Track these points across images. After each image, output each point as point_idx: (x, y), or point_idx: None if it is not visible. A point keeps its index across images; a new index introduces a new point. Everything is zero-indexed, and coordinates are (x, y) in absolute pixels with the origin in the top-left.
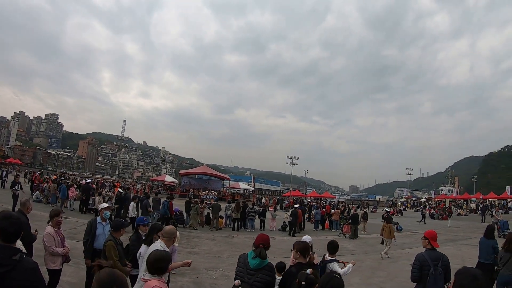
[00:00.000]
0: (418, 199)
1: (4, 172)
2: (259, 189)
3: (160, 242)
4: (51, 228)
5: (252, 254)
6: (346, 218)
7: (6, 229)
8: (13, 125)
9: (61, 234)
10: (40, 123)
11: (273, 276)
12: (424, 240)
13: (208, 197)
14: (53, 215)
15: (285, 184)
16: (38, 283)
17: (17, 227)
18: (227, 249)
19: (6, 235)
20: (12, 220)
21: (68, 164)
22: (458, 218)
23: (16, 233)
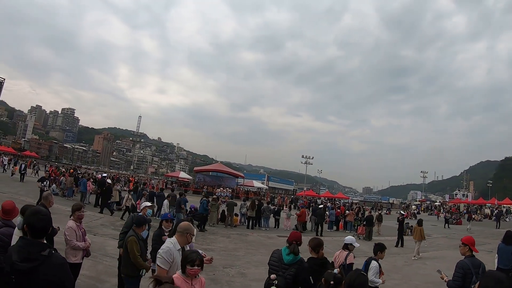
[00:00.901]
0: (432, 203)
1: (23, 165)
2: (273, 187)
3: (172, 238)
4: (73, 222)
5: (286, 250)
6: (361, 220)
7: (34, 224)
8: (29, 119)
9: (82, 229)
10: (57, 117)
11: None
12: (464, 247)
13: (223, 195)
14: (75, 209)
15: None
16: (66, 278)
17: (45, 223)
18: (243, 247)
19: (34, 231)
20: (40, 216)
21: (84, 158)
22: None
23: (43, 228)
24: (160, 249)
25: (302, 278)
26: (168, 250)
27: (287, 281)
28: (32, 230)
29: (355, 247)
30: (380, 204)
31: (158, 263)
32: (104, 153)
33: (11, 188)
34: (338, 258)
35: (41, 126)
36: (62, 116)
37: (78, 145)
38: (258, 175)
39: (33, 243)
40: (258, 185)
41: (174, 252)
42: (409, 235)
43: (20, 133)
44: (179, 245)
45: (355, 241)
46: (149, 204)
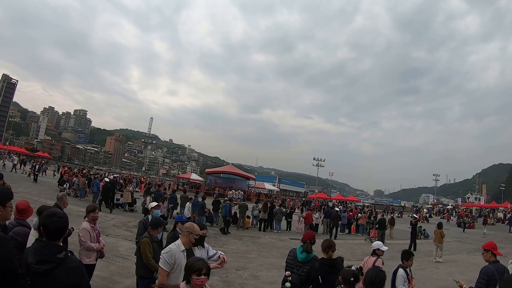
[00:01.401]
0: (444, 206)
1: (37, 166)
2: (284, 190)
3: (178, 240)
4: (87, 224)
5: (300, 249)
6: (373, 223)
7: (48, 226)
8: (42, 120)
9: (96, 230)
10: (69, 119)
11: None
12: (486, 253)
13: (235, 197)
14: (90, 210)
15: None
16: (82, 281)
17: (60, 225)
18: (255, 249)
19: (49, 233)
20: (55, 218)
21: (95, 159)
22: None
23: (58, 231)
24: (162, 250)
25: (313, 276)
26: (169, 250)
27: (301, 278)
28: (47, 232)
29: (383, 251)
30: (392, 207)
31: (159, 263)
32: (116, 154)
33: (24, 188)
34: (366, 264)
35: (53, 127)
36: (74, 118)
37: (90, 146)
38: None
39: (49, 245)
40: (269, 187)
41: (177, 253)
42: (421, 239)
43: (33, 134)
44: (183, 246)
45: (382, 245)
46: (155, 204)
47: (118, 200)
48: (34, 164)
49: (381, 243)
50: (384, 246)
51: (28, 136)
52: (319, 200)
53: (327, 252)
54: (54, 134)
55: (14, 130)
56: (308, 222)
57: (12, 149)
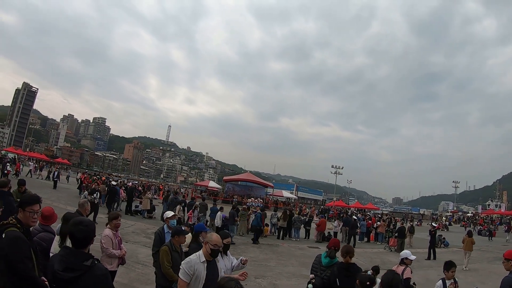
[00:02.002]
0: (464, 214)
1: (56, 172)
2: (302, 197)
3: (200, 251)
4: (110, 231)
5: (324, 254)
6: (392, 231)
7: (75, 234)
8: (62, 127)
9: (118, 237)
10: (88, 126)
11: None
12: (507, 262)
13: (254, 205)
14: (112, 218)
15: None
16: None
17: (86, 234)
18: (274, 257)
19: (75, 241)
20: (81, 226)
21: (114, 166)
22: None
23: (85, 239)
24: (183, 260)
25: (332, 279)
26: (189, 261)
27: (324, 281)
28: (73, 240)
29: (412, 260)
30: (411, 215)
31: (179, 274)
32: (134, 162)
33: (44, 194)
34: None
35: (73, 134)
36: (93, 125)
37: (109, 153)
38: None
39: (76, 253)
40: (287, 195)
41: (196, 264)
42: (441, 248)
43: (53, 141)
44: (204, 257)
45: (410, 254)
46: (172, 214)
47: (137, 207)
48: (54, 170)
49: (409, 252)
50: (412, 255)
51: (48, 143)
52: (338, 208)
53: (345, 257)
54: (73, 141)
55: (34, 136)
56: (320, 229)
57: (32, 155)
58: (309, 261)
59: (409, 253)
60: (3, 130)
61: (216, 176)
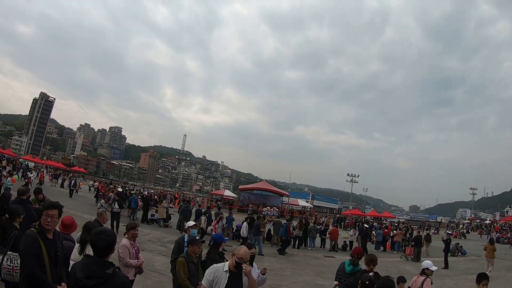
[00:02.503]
0: (482, 221)
1: (73, 181)
2: (317, 206)
3: (228, 262)
4: (127, 241)
5: (348, 262)
6: (409, 240)
7: (96, 244)
8: (78, 136)
9: (136, 247)
10: (104, 135)
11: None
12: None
13: (270, 214)
14: (130, 227)
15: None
16: None
17: (107, 243)
18: (289, 267)
19: (96, 250)
20: (102, 236)
21: (130, 174)
22: None
23: (106, 248)
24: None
25: (355, 286)
26: (212, 267)
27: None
28: (95, 249)
29: (433, 271)
30: (428, 223)
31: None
32: (150, 170)
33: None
34: (414, 284)
35: (89, 143)
36: (109, 134)
37: (125, 162)
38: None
39: (97, 261)
40: (302, 204)
41: (218, 271)
42: (458, 256)
43: (69, 150)
44: (227, 267)
45: (432, 265)
46: (193, 223)
47: (153, 215)
48: (70, 178)
49: (430, 263)
50: (434, 266)
51: (64, 151)
52: (353, 216)
53: (369, 265)
54: (89, 150)
55: (51, 145)
56: (333, 237)
57: (49, 163)
58: (324, 270)
59: (431, 264)
60: (20, 139)
61: (231, 185)
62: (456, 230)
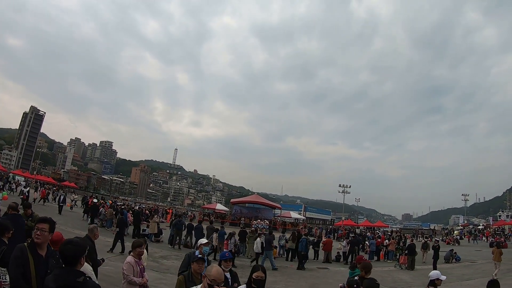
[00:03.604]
0: (475, 227)
1: (62, 196)
2: (310, 218)
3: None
4: (132, 258)
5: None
6: (402, 249)
7: (63, 253)
8: (69, 151)
9: (141, 265)
10: (95, 150)
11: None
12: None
13: (260, 226)
14: (136, 245)
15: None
16: None
17: (74, 252)
18: (282, 279)
19: (64, 258)
20: (70, 245)
21: (121, 189)
22: None
23: (72, 257)
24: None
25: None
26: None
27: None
28: (62, 258)
29: (442, 280)
30: (421, 231)
31: None
32: (141, 185)
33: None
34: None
35: (79, 157)
36: (100, 149)
37: (116, 176)
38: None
39: (68, 271)
40: (295, 216)
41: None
42: (453, 263)
43: (60, 164)
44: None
45: (440, 275)
46: (205, 241)
47: (145, 230)
48: (59, 195)
49: (439, 272)
50: (443, 275)
51: (55, 166)
52: (346, 227)
53: (361, 271)
54: (80, 165)
55: (41, 160)
56: (326, 249)
57: (39, 178)
58: (318, 282)
59: (439, 273)
60: (10, 153)
61: (223, 199)
62: (450, 236)
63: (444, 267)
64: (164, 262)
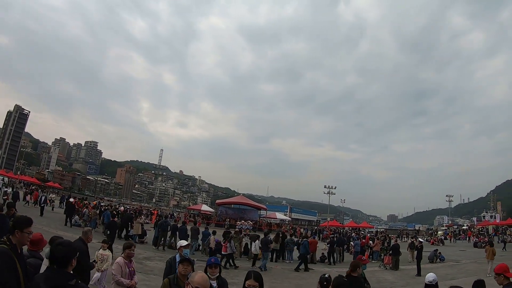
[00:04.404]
0: (460, 227)
1: (43, 197)
2: (296, 219)
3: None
4: (122, 259)
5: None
6: (387, 249)
7: (54, 253)
8: (53, 151)
9: (131, 267)
10: (80, 150)
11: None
12: (498, 277)
13: (244, 227)
14: (126, 247)
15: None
16: None
17: (65, 253)
18: (266, 280)
19: (55, 259)
20: (61, 247)
21: (106, 190)
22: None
23: (63, 258)
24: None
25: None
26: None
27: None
28: (53, 259)
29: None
30: (406, 231)
31: None
32: (126, 186)
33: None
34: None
35: (64, 158)
36: (85, 149)
37: (101, 177)
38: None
39: (60, 273)
40: (280, 217)
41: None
42: (437, 262)
43: (44, 164)
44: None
45: (436, 278)
46: (186, 243)
47: (129, 232)
48: (41, 195)
49: (434, 275)
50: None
51: (39, 166)
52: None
53: (354, 271)
54: (65, 165)
55: (25, 160)
56: (311, 249)
57: (23, 178)
58: (303, 283)
59: (435, 276)
60: None
61: (209, 200)
62: (434, 237)
63: (428, 267)
64: (147, 264)
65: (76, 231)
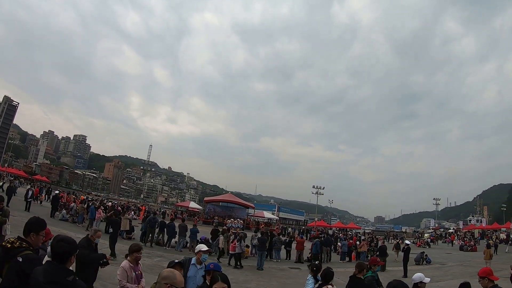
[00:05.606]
0: (446, 230)
1: (30, 192)
2: (283, 218)
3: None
4: (127, 263)
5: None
6: (374, 250)
7: (54, 249)
8: (41, 143)
9: (138, 271)
10: (68, 143)
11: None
12: (483, 280)
13: (234, 226)
14: (133, 250)
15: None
16: None
17: (65, 249)
18: (254, 279)
19: (55, 255)
20: (62, 243)
21: (94, 184)
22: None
23: (63, 253)
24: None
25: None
26: None
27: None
28: (53, 254)
29: (425, 283)
30: (393, 233)
31: None
32: (114, 181)
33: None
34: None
35: (52, 151)
36: (73, 142)
37: (89, 171)
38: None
39: (59, 268)
40: (268, 216)
41: None
42: (423, 265)
43: (32, 157)
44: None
45: (424, 277)
46: (206, 248)
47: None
48: (27, 189)
49: (422, 275)
50: (426, 278)
51: (27, 159)
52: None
53: (359, 271)
54: (53, 158)
55: (13, 152)
56: (298, 248)
57: (10, 171)
58: (290, 282)
59: (423, 276)
60: None
61: (197, 197)
62: (421, 239)
63: (414, 269)
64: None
65: (63, 225)
